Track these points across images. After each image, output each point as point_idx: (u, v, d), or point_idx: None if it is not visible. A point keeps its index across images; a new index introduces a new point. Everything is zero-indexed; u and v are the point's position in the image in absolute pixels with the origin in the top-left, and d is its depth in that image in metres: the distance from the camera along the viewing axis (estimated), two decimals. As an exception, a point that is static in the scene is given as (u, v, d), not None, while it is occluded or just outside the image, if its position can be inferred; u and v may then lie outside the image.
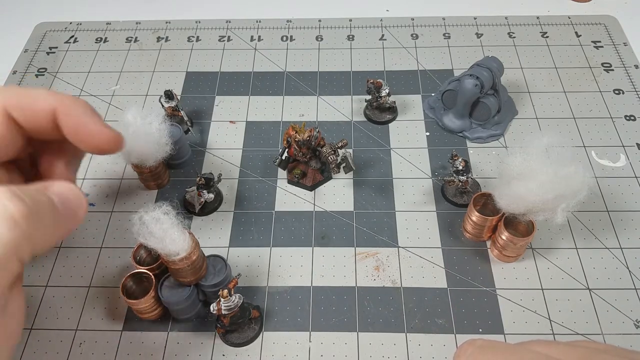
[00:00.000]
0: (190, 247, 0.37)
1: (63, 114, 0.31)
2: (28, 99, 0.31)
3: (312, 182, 0.51)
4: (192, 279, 0.40)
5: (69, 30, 0.68)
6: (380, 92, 0.54)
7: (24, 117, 0.31)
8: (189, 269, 0.38)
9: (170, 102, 0.54)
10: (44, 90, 0.32)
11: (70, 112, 0.31)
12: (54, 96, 0.31)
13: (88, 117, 0.32)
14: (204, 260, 0.41)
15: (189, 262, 0.38)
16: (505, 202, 0.42)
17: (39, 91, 0.31)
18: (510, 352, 0.26)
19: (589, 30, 0.65)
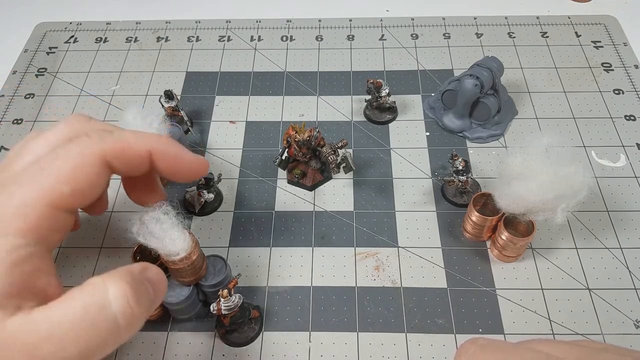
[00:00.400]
0: (190, 247, 0.37)
1: (159, 154, 0.33)
2: (123, 144, 0.32)
3: (312, 182, 0.51)
4: (192, 279, 0.40)
5: (69, 30, 0.68)
6: (380, 92, 0.54)
7: (122, 164, 0.32)
8: (189, 269, 0.38)
9: (170, 102, 0.54)
10: (131, 133, 0.33)
11: (164, 150, 0.33)
12: (146, 139, 0.33)
13: (181, 151, 0.34)
14: (204, 260, 0.40)
15: (189, 262, 0.38)
16: (505, 202, 0.42)
17: (129, 135, 0.33)
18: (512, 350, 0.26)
19: (589, 30, 0.65)
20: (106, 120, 0.58)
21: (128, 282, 0.28)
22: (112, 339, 0.27)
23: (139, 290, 0.29)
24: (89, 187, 0.31)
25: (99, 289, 0.27)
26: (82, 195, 0.30)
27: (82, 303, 0.26)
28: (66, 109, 0.59)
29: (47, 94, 0.61)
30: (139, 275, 0.30)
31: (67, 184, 0.29)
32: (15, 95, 0.61)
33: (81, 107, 0.59)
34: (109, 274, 0.28)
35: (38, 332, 0.25)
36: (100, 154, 0.31)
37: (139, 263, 0.31)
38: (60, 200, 0.29)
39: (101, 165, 0.31)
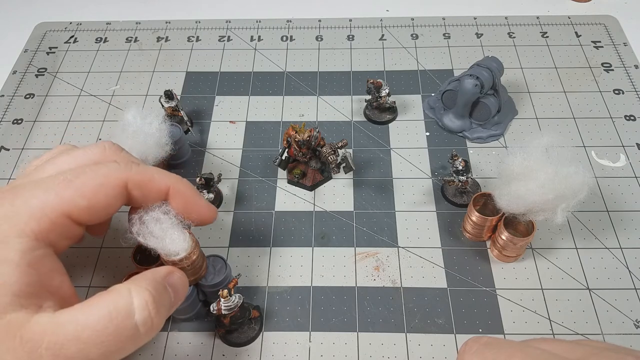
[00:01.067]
0: (190, 246, 0.37)
1: (175, 192, 0.36)
2: (147, 176, 0.34)
3: (312, 182, 0.51)
4: (192, 278, 0.40)
5: (69, 30, 0.68)
6: (380, 92, 0.54)
7: (141, 194, 0.34)
8: (189, 269, 0.38)
9: (170, 102, 0.54)
10: (156, 169, 0.36)
11: (181, 190, 0.36)
12: (166, 175, 0.36)
13: (195, 196, 0.37)
14: (203, 260, 0.40)
15: (189, 262, 0.38)
16: (505, 202, 0.42)
17: (154, 170, 0.35)
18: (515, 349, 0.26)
19: (589, 30, 0.65)
20: (106, 120, 0.58)
21: (151, 291, 0.30)
22: (131, 345, 0.29)
23: (161, 298, 0.31)
24: (104, 207, 0.32)
25: (125, 297, 0.29)
26: (96, 212, 0.32)
27: (107, 310, 0.28)
28: (66, 109, 0.59)
29: (47, 94, 0.61)
30: (163, 281, 0.32)
31: (86, 199, 0.31)
32: (15, 95, 0.61)
33: (81, 107, 0.59)
34: (134, 281, 0.30)
35: (65, 333, 0.27)
36: (124, 180, 0.33)
37: (165, 267, 0.33)
38: (76, 212, 0.31)
39: (121, 190, 0.33)
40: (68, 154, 0.35)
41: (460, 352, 0.29)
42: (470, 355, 0.28)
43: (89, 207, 0.32)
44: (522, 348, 0.26)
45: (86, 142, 0.56)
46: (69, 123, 0.58)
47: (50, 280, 0.30)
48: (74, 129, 0.57)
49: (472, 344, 0.28)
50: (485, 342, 0.28)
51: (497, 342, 0.28)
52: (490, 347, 0.27)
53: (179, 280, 0.33)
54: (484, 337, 0.29)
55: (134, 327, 0.28)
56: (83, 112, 0.59)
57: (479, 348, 0.28)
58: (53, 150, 0.37)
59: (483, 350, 0.27)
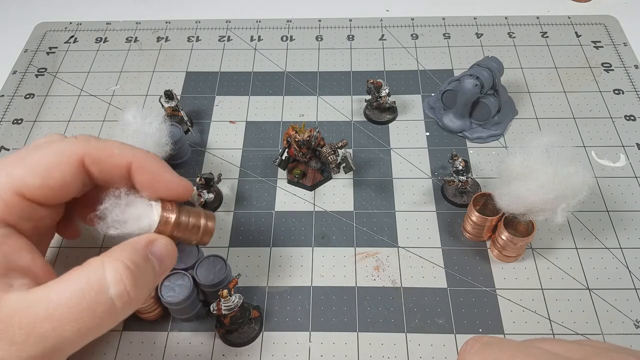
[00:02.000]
0: (159, 214, 0.33)
1: (138, 168, 0.33)
2: (105, 152, 0.32)
3: (312, 182, 0.51)
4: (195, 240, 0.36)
5: (69, 30, 0.68)
6: (380, 92, 0.54)
7: (99, 170, 0.32)
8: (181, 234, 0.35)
9: (170, 102, 0.54)
10: (118, 144, 0.33)
11: (145, 165, 0.33)
12: (128, 150, 0.33)
13: (162, 170, 0.33)
14: (199, 217, 0.36)
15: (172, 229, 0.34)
16: (505, 202, 0.42)
17: (114, 145, 0.33)
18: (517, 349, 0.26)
19: (589, 30, 0.65)
20: (106, 120, 0.58)
21: (127, 263, 0.28)
22: (109, 320, 0.28)
23: (140, 269, 0.29)
24: (60, 184, 0.31)
25: (97, 272, 0.28)
26: (51, 190, 0.31)
27: (79, 286, 0.27)
28: (66, 109, 0.59)
29: (47, 94, 0.61)
30: (143, 251, 0.30)
31: (38, 177, 0.30)
32: (15, 95, 0.61)
33: (81, 107, 0.59)
34: (109, 253, 0.29)
35: (37, 311, 0.26)
36: (80, 155, 0.31)
37: (146, 235, 0.31)
38: (28, 190, 0.30)
39: (78, 167, 0.31)
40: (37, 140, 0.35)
41: (461, 352, 0.29)
42: (472, 355, 0.28)
43: (42, 185, 0.30)
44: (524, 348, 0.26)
45: (86, 142, 0.56)
46: (69, 123, 0.58)
47: (18, 259, 0.29)
48: (74, 129, 0.57)
49: (473, 344, 0.28)
50: (486, 342, 0.28)
51: (498, 342, 0.28)
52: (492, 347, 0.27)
53: (163, 248, 0.31)
54: (485, 337, 0.28)
55: (109, 302, 0.27)
56: (83, 112, 0.59)
57: (480, 348, 0.28)
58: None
59: (484, 350, 0.27)
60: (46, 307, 0.26)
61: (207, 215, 0.36)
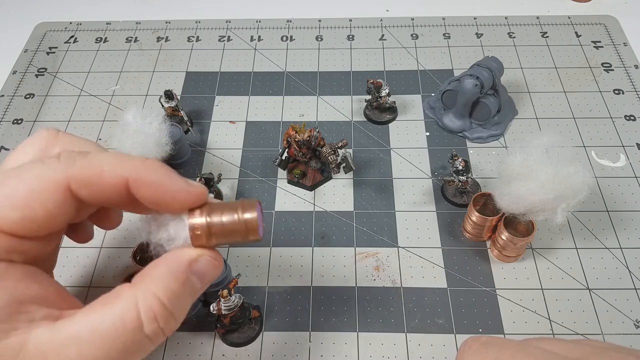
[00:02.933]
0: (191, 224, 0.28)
1: (137, 183, 0.27)
2: (94, 171, 0.27)
3: (312, 182, 0.51)
4: (243, 238, 0.29)
5: (69, 30, 0.68)
6: (380, 92, 0.54)
7: (90, 193, 0.27)
8: (222, 238, 0.28)
9: (170, 102, 0.54)
10: (108, 158, 0.28)
11: (144, 178, 0.27)
12: (121, 164, 0.27)
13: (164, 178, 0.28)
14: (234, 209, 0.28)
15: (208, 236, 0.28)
16: (505, 202, 0.42)
17: (104, 160, 0.27)
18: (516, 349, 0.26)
19: (589, 30, 0.65)
20: (106, 120, 0.58)
21: (163, 299, 0.26)
22: (142, 354, 0.26)
23: (178, 297, 0.26)
24: (44, 216, 0.26)
25: (130, 309, 0.25)
26: (34, 223, 0.26)
27: (112, 324, 0.25)
28: (66, 109, 0.59)
29: (47, 94, 0.61)
30: (182, 275, 0.27)
31: (16, 209, 0.26)
32: (15, 95, 0.61)
33: (81, 107, 0.59)
34: (143, 282, 0.26)
35: (68, 353, 0.24)
36: (63, 180, 0.26)
37: (189, 252, 0.27)
38: (8, 225, 0.26)
39: (62, 194, 0.27)
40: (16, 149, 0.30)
41: (460, 352, 0.29)
42: (470, 355, 0.28)
43: (22, 219, 0.26)
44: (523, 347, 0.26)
45: (86, 142, 0.56)
46: (69, 123, 0.58)
47: (27, 289, 0.26)
48: (74, 129, 0.57)
49: (472, 343, 0.28)
50: (485, 341, 0.28)
51: (497, 341, 0.28)
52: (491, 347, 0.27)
53: (207, 265, 0.28)
54: (484, 337, 0.28)
55: (143, 339, 0.26)
56: (83, 112, 0.59)
57: (478, 347, 0.28)
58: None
59: (483, 349, 0.27)
60: (79, 349, 0.24)
61: (244, 206, 0.28)
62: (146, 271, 0.27)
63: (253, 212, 0.28)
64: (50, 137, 0.31)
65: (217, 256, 0.29)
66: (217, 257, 0.29)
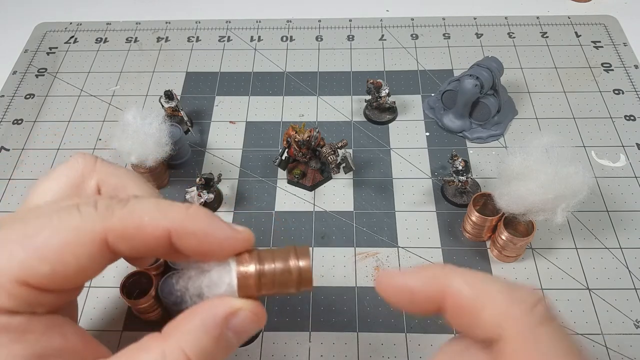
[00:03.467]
0: (237, 273, 0.26)
1: (180, 234, 0.25)
2: (134, 223, 0.24)
3: (312, 182, 0.51)
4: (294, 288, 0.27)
5: (69, 31, 0.68)
6: (380, 92, 0.54)
7: (129, 247, 0.25)
8: (270, 288, 0.26)
9: (170, 102, 0.54)
10: (149, 206, 0.25)
11: (187, 228, 0.25)
12: (162, 214, 0.25)
13: (209, 226, 0.26)
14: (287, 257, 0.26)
15: (257, 285, 0.26)
16: (505, 202, 0.42)
17: (144, 210, 0.25)
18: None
19: (589, 30, 0.65)
20: (106, 121, 0.58)
21: (193, 352, 0.24)
22: None
23: (207, 357, 0.24)
24: (76, 271, 0.24)
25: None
26: (63, 278, 0.24)
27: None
28: (66, 109, 0.59)
29: (47, 94, 0.61)
30: (216, 330, 0.25)
31: (47, 263, 0.23)
32: (15, 95, 0.61)
33: (81, 107, 0.59)
34: (172, 334, 0.24)
35: None
36: (101, 234, 0.24)
37: (224, 304, 0.25)
38: (35, 279, 0.23)
39: (98, 248, 0.24)
40: (47, 177, 0.28)
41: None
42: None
43: (52, 273, 0.23)
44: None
45: (86, 142, 0.56)
46: (69, 123, 0.58)
47: (49, 342, 0.24)
48: (74, 129, 0.57)
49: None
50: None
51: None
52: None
53: (247, 319, 0.25)
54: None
55: None
56: (83, 112, 0.59)
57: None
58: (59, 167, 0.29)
59: None
60: None
61: (297, 252, 0.26)
62: (179, 322, 0.25)
63: (307, 260, 0.26)
64: (87, 165, 0.29)
65: (260, 310, 0.26)
66: (260, 310, 0.26)
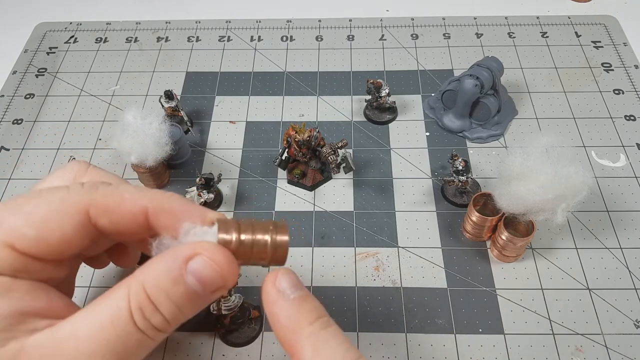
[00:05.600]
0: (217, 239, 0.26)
1: (156, 212, 0.27)
2: (114, 199, 0.27)
3: (312, 182, 0.51)
4: (267, 260, 0.29)
5: (69, 30, 0.68)
6: (380, 92, 0.54)
7: (110, 221, 0.27)
8: (246, 256, 0.27)
9: (170, 102, 0.54)
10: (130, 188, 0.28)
11: (163, 206, 0.27)
12: (142, 195, 0.28)
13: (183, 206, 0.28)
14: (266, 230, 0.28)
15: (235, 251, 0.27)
16: (505, 202, 0.42)
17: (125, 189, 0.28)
18: None
19: (589, 30, 0.65)
20: (106, 121, 0.58)
21: (149, 290, 0.25)
22: (142, 350, 0.26)
23: (164, 295, 0.25)
24: (59, 239, 0.26)
25: (122, 300, 0.25)
26: (47, 245, 0.26)
27: (106, 318, 0.25)
28: (66, 109, 0.59)
29: (47, 94, 0.61)
30: (177, 270, 0.25)
31: (33, 228, 0.26)
32: (15, 95, 0.61)
33: (81, 107, 0.59)
34: (136, 275, 0.26)
35: (66, 351, 0.24)
36: (84, 205, 0.27)
37: (186, 247, 0.26)
38: (19, 242, 0.26)
39: (81, 219, 0.27)
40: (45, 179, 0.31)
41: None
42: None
43: (37, 238, 0.26)
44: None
45: (86, 142, 0.56)
46: (69, 123, 0.58)
47: (33, 301, 0.26)
48: (74, 129, 0.57)
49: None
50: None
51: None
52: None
53: (205, 267, 0.25)
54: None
55: (137, 332, 0.25)
56: (83, 112, 0.59)
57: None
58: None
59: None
60: (75, 345, 0.24)
61: (276, 227, 0.28)
62: (148, 263, 0.26)
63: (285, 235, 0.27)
64: (80, 169, 0.32)
65: (221, 258, 0.26)
66: (221, 259, 0.26)
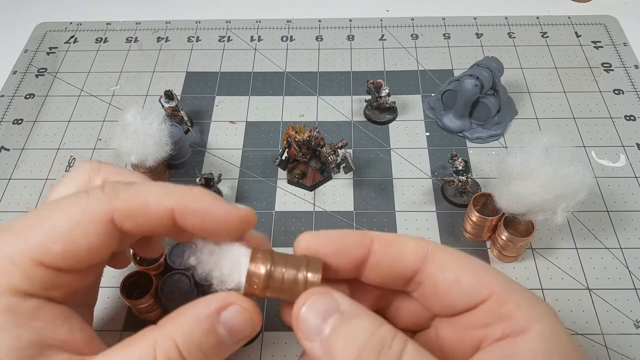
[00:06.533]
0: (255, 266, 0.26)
1: (183, 212, 0.26)
2: (138, 202, 0.26)
3: (312, 182, 0.51)
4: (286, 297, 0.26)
5: (69, 31, 0.68)
6: (380, 92, 0.54)
7: (135, 225, 0.27)
8: (275, 293, 0.26)
9: (170, 103, 0.54)
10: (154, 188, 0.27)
11: (190, 206, 0.27)
12: (166, 194, 0.27)
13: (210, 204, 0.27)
14: (298, 266, 0.26)
15: (264, 287, 0.26)
16: (505, 202, 0.42)
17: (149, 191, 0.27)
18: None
19: (589, 30, 0.65)
20: (106, 121, 0.58)
21: (181, 344, 0.24)
22: None
23: (196, 348, 0.25)
24: (86, 250, 0.26)
25: (149, 351, 0.24)
26: (75, 257, 0.26)
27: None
28: (66, 109, 0.59)
29: (47, 94, 0.61)
30: (207, 323, 0.25)
31: (58, 243, 0.25)
32: (15, 95, 0.61)
33: (81, 107, 0.59)
34: (165, 325, 0.25)
35: None
36: (107, 213, 0.26)
37: (217, 298, 0.26)
38: (49, 259, 0.25)
39: (106, 227, 0.26)
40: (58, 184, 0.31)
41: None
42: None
43: (64, 252, 0.25)
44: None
45: (86, 142, 0.56)
46: (69, 123, 0.58)
47: (54, 332, 0.25)
48: (74, 129, 0.57)
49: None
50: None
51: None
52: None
53: (237, 317, 0.25)
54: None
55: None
56: (83, 112, 0.59)
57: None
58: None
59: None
60: None
61: (309, 265, 0.26)
62: (174, 314, 0.25)
63: (318, 274, 0.25)
64: (92, 168, 0.31)
65: (252, 309, 0.26)
66: (252, 310, 0.26)
